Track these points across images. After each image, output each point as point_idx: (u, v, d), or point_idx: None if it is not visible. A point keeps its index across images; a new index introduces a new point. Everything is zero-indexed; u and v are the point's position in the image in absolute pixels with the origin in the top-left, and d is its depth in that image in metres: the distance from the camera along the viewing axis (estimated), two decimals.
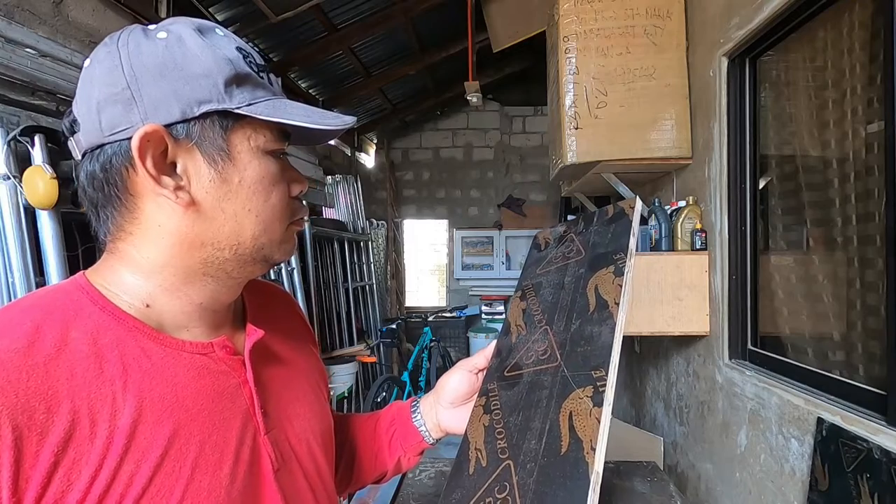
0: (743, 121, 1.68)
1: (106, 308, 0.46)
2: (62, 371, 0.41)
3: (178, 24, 0.47)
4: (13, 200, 1.13)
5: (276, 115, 0.47)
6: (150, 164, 0.44)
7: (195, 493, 0.45)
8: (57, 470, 0.39)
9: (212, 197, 0.47)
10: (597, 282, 0.68)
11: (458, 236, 5.80)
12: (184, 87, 0.45)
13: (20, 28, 1.27)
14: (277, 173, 0.50)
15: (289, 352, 0.62)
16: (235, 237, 0.49)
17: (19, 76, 1.23)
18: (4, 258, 1.13)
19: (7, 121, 1.15)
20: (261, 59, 0.51)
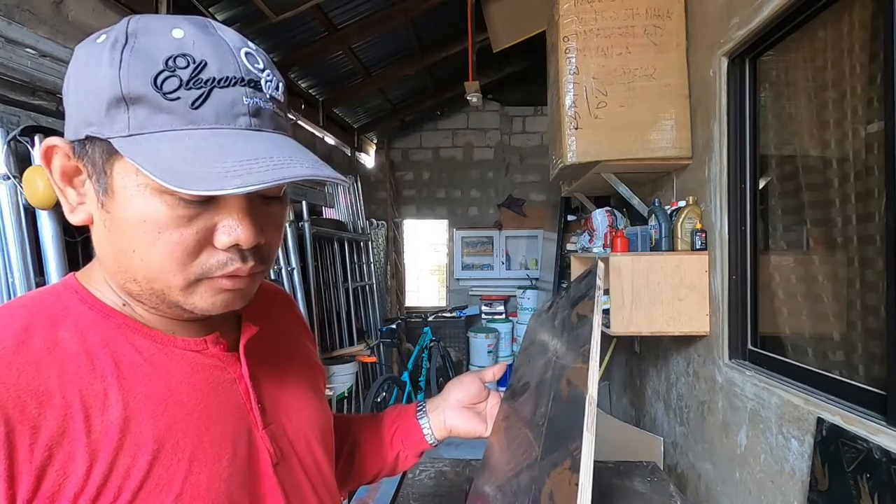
0: (743, 121, 1.68)
1: (95, 306, 0.46)
2: (53, 368, 0.41)
3: (120, 25, 0.42)
4: (13, 200, 1.13)
5: (138, 156, 0.38)
6: (56, 174, 0.44)
7: (194, 486, 0.44)
8: (52, 463, 0.39)
9: (101, 223, 0.44)
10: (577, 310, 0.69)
11: (458, 236, 5.80)
12: (79, 103, 0.41)
13: (20, 28, 1.27)
14: (171, 219, 0.41)
15: (285, 349, 0.62)
16: (131, 273, 0.44)
17: (19, 76, 1.22)
18: (4, 258, 1.13)
19: (7, 121, 1.15)
20: (226, 69, 0.41)
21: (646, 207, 2.20)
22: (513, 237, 5.75)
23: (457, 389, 0.77)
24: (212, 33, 0.42)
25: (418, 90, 5.16)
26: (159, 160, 0.38)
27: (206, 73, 0.40)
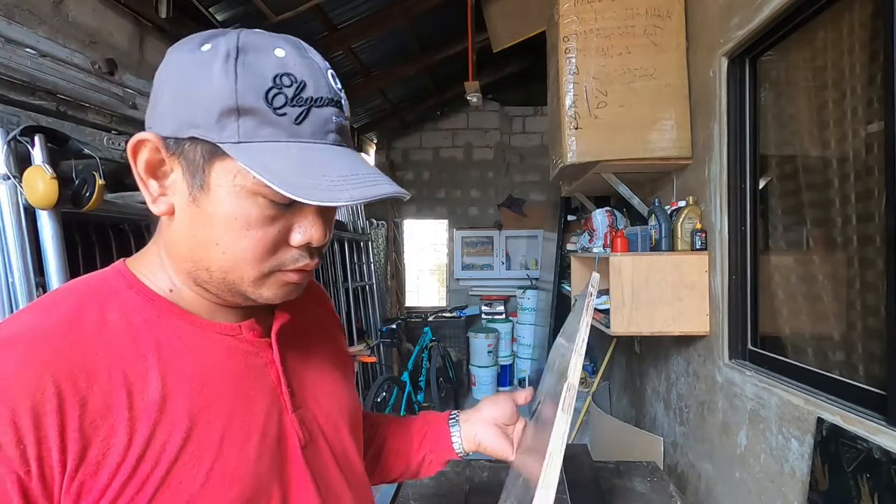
0: (743, 121, 1.68)
1: (140, 291, 0.50)
2: (100, 347, 0.45)
3: (227, 37, 0.45)
4: (13, 200, 1.13)
5: (253, 165, 0.42)
6: (140, 165, 0.47)
7: (224, 463, 0.47)
8: (97, 434, 0.42)
9: (186, 216, 0.47)
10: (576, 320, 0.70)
11: (458, 236, 5.79)
12: (183, 106, 0.45)
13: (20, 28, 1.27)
14: (259, 218, 0.46)
15: (316, 338, 0.64)
16: (206, 263, 0.48)
17: (19, 76, 1.22)
18: (4, 258, 1.13)
19: (7, 121, 1.15)
20: (317, 90, 0.46)
21: (646, 207, 2.20)
22: (513, 237, 5.74)
23: (491, 406, 0.77)
24: (304, 54, 0.47)
25: (418, 90, 5.15)
26: (271, 169, 0.42)
27: (305, 92, 0.45)
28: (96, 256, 1.48)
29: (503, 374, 5.27)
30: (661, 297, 1.86)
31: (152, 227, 0.53)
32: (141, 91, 1.60)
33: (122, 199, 1.41)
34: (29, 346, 0.42)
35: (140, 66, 2.38)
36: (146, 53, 2.43)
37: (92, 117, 1.43)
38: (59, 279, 1.19)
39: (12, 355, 0.41)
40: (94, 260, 1.47)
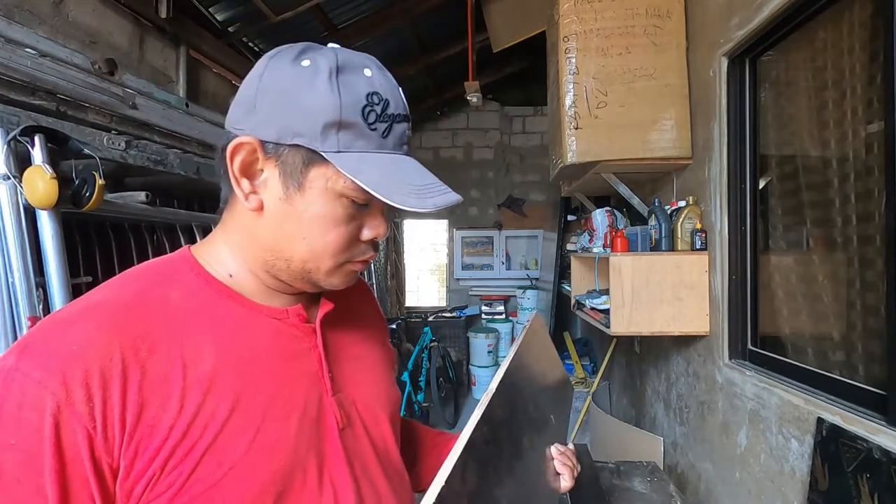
0: (743, 121, 1.68)
1: (201, 275, 0.55)
2: (163, 322, 0.50)
3: (325, 56, 0.51)
4: (13, 200, 1.13)
5: (353, 172, 0.49)
6: (237, 165, 0.52)
7: (265, 436, 0.51)
8: (154, 400, 0.47)
9: (277, 211, 0.53)
10: None
11: (458, 236, 5.79)
12: (289, 116, 0.50)
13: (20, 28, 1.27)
14: (345, 216, 0.53)
15: (359, 329, 0.68)
16: (288, 253, 0.54)
17: (19, 76, 1.22)
18: (4, 258, 1.13)
19: (7, 121, 1.15)
20: (398, 107, 0.53)
21: (646, 207, 2.20)
22: (513, 237, 5.74)
23: None
24: (385, 74, 0.53)
25: (418, 90, 5.15)
26: (365, 175, 0.49)
27: (389, 109, 0.52)
28: (96, 256, 1.48)
29: None
30: (661, 297, 1.86)
31: (215, 223, 0.59)
32: (141, 91, 1.60)
33: (122, 199, 1.41)
34: (102, 317, 0.48)
35: (140, 66, 2.38)
36: (146, 53, 2.43)
37: (92, 117, 1.43)
38: (59, 279, 1.19)
39: (89, 323, 0.47)
40: (94, 260, 1.47)
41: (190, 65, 2.71)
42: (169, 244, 1.70)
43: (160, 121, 1.67)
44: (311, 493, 0.54)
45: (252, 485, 0.50)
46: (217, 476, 0.48)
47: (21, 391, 0.43)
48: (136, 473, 0.46)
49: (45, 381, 0.43)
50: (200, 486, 0.47)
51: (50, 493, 0.42)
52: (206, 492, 0.48)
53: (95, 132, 1.37)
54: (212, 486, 0.48)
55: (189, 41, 2.68)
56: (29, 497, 0.42)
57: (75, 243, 1.39)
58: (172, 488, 0.47)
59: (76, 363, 0.44)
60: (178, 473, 0.47)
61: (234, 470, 0.49)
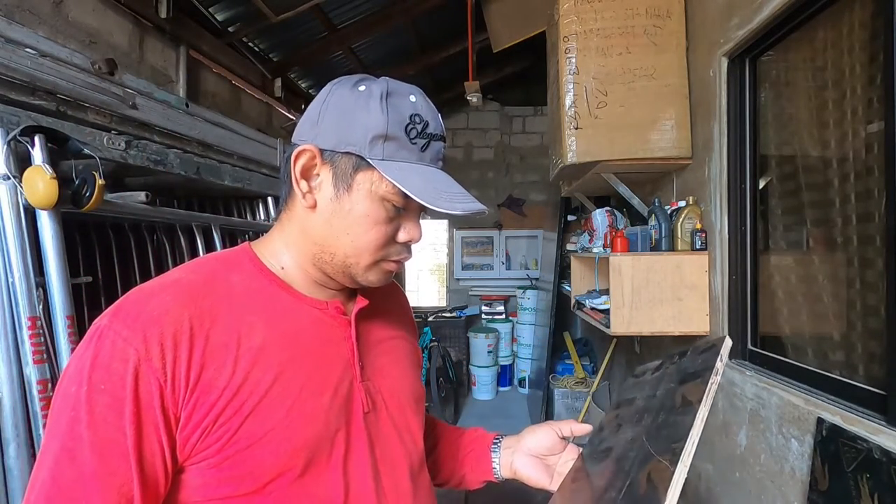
0: (743, 121, 1.68)
1: (257, 265, 0.64)
2: (225, 300, 0.59)
3: (378, 84, 0.60)
4: (13, 200, 1.13)
5: (394, 177, 0.58)
6: (298, 168, 0.61)
7: (301, 406, 0.58)
8: (212, 363, 0.55)
9: (328, 209, 0.61)
10: (684, 391, 0.67)
11: (458, 236, 5.79)
12: (345, 129, 0.59)
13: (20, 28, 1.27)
14: (385, 217, 0.61)
15: (390, 326, 0.75)
16: (333, 248, 0.62)
17: (19, 76, 1.22)
18: (4, 258, 1.13)
19: (7, 121, 1.15)
20: (437, 129, 0.62)
21: (646, 207, 2.20)
22: (513, 237, 5.74)
23: (531, 438, 0.81)
24: (427, 101, 0.62)
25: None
26: (405, 181, 0.57)
27: (428, 129, 0.61)
28: (96, 256, 1.48)
29: (503, 374, 5.26)
30: (661, 297, 1.86)
31: (273, 223, 0.66)
32: (141, 91, 1.60)
33: (122, 199, 1.41)
34: (178, 292, 0.57)
35: (140, 66, 2.38)
36: (146, 53, 2.43)
37: (92, 117, 1.43)
38: (59, 279, 1.18)
39: (167, 296, 0.56)
40: (95, 260, 1.47)
41: (190, 65, 2.71)
42: (169, 244, 1.70)
43: (160, 121, 1.67)
44: (336, 465, 0.61)
45: (287, 447, 0.57)
46: (258, 435, 0.56)
47: (112, 345, 0.52)
48: (193, 424, 0.54)
49: (130, 338, 0.52)
50: (244, 442, 0.55)
51: (128, 433, 0.51)
52: (249, 448, 0.55)
53: (95, 132, 1.37)
54: (254, 443, 0.55)
55: (189, 41, 2.68)
56: (112, 434, 0.51)
57: (75, 243, 1.39)
58: (221, 441, 0.54)
59: (155, 326, 0.53)
60: (227, 429, 0.55)
61: (272, 432, 0.56)
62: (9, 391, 1.11)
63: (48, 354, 1.16)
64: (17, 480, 1.11)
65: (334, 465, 0.60)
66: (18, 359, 1.13)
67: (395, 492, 0.66)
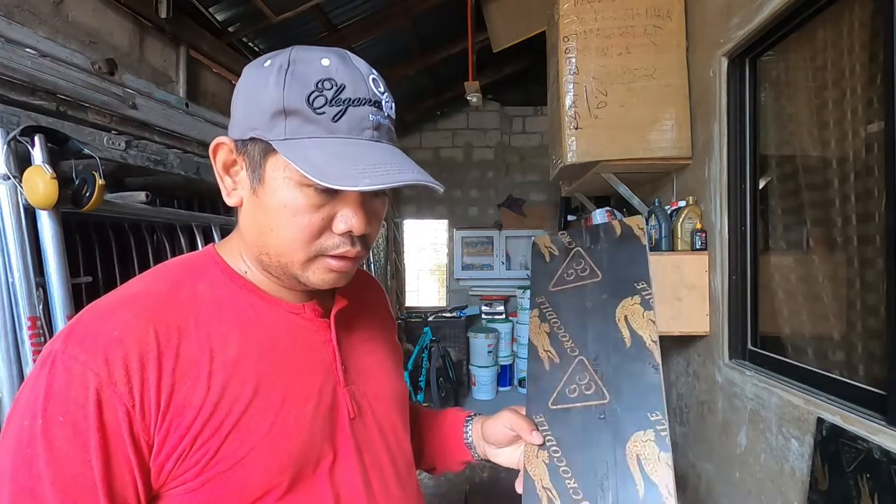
0: (743, 121, 1.68)
1: (225, 271, 0.59)
2: (192, 311, 0.54)
3: (281, 55, 0.53)
4: (13, 200, 1.13)
5: (292, 157, 0.49)
6: (219, 165, 0.57)
7: (284, 420, 0.54)
8: (185, 382, 0.50)
9: (250, 206, 0.56)
10: (625, 312, 0.69)
11: (458, 236, 5.79)
12: (247, 113, 0.54)
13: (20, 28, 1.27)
14: (306, 205, 0.52)
15: (370, 325, 0.71)
16: (266, 247, 0.56)
17: (19, 76, 1.22)
18: (4, 258, 1.13)
19: (7, 121, 1.15)
20: (357, 91, 0.52)
21: (646, 207, 2.20)
22: (513, 237, 5.74)
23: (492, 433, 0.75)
24: (349, 63, 0.53)
25: (418, 90, 5.15)
26: (308, 160, 0.49)
27: (344, 94, 0.51)
28: (96, 256, 1.48)
29: (503, 374, 5.26)
30: (661, 297, 1.86)
31: (215, 223, 0.63)
32: (141, 91, 1.60)
33: (122, 199, 1.41)
34: (140, 306, 0.52)
35: (140, 65, 2.38)
36: (146, 53, 2.43)
37: (92, 117, 1.43)
38: (59, 279, 1.19)
39: (128, 312, 0.51)
40: (95, 260, 1.47)
41: (190, 65, 2.71)
42: (169, 244, 1.70)
43: (160, 121, 1.67)
44: (323, 477, 0.57)
45: (271, 464, 0.53)
46: (240, 455, 0.52)
47: (68, 372, 0.47)
48: (168, 450, 0.49)
49: (88, 362, 0.47)
50: (225, 463, 0.51)
51: (95, 466, 0.46)
52: (230, 469, 0.51)
53: (95, 132, 1.37)
54: (235, 464, 0.52)
55: (189, 41, 2.68)
56: (76, 469, 0.46)
57: (75, 243, 1.39)
58: (199, 465, 0.50)
59: (117, 347, 0.48)
60: (205, 451, 0.50)
61: (255, 450, 0.52)
62: (9, 391, 1.11)
63: None
64: None
65: (322, 477, 0.57)
66: (18, 359, 1.13)
67: (386, 497, 0.63)
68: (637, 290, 0.69)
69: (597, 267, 0.75)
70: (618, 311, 0.69)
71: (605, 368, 0.67)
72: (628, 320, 0.68)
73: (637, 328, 0.67)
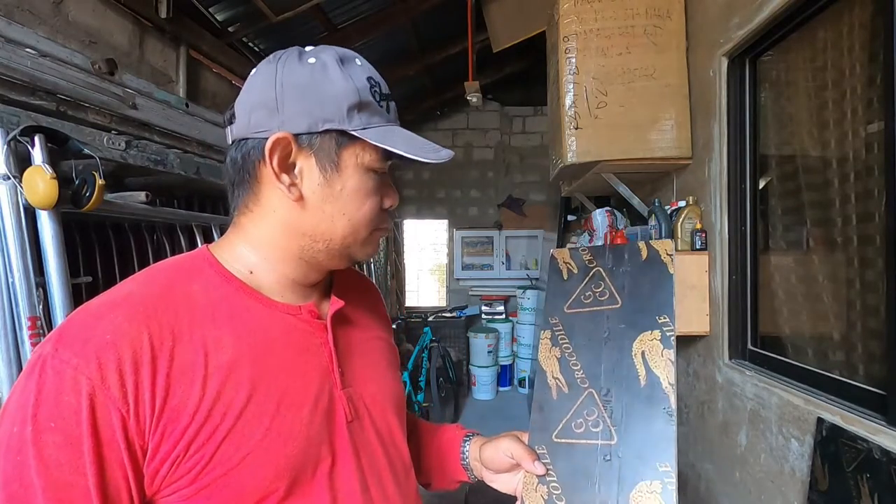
0: (743, 121, 1.68)
1: (220, 272, 0.58)
2: (186, 313, 0.53)
3: (325, 52, 0.57)
4: (13, 200, 1.13)
5: (384, 142, 0.56)
6: (276, 162, 0.55)
7: (280, 424, 0.54)
8: (179, 385, 0.50)
9: (317, 197, 0.57)
10: (643, 347, 0.65)
11: (458, 236, 5.79)
12: (315, 106, 0.55)
13: (20, 28, 1.27)
14: (374, 187, 0.59)
15: (367, 326, 0.71)
16: (329, 233, 0.58)
17: (19, 76, 1.22)
18: (4, 258, 1.13)
19: (7, 121, 1.15)
20: (387, 88, 0.60)
21: (646, 207, 2.20)
22: (513, 237, 5.74)
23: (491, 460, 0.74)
24: (368, 63, 0.59)
25: (418, 90, 5.15)
26: (396, 145, 0.56)
27: (382, 89, 0.59)
28: (96, 256, 1.48)
29: (503, 374, 5.27)
30: None
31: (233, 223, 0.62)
32: (141, 91, 1.60)
33: (122, 199, 1.41)
34: (133, 309, 0.51)
35: (140, 65, 2.38)
36: (146, 53, 2.43)
37: (92, 117, 1.43)
38: (59, 279, 1.19)
39: (119, 315, 0.50)
40: (95, 260, 1.47)
41: (190, 65, 2.71)
42: (169, 244, 1.70)
43: (160, 121, 1.67)
44: (322, 481, 0.57)
45: (267, 470, 0.52)
46: (235, 461, 0.51)
47: (59, 377, 0.46)
48: (162, 455, 0.49)
49: (81, 367, 0.46)
50: (220, 469, 0.50)
51: (89, 472, 0.45)
52: (225, 475, 0.51)
53: (95, 132, 1.37)
54: (230, 469, 0.51)
55: (189, 41, 2.68)
56: (68, 476, 0.45)
57: (75, 243, 1.39)
58: (194, 471, 0.50)
59: (110, 350, 0.47)
60: (200, 457, 0.50)
61: (251, 455, 0.52)
62: (8, 391, 1.11)
63: None
64: None
65: (320, 482, 0.56)
66: (18, 359, 1.13)
67: (384, 500, 0.62)
68: (658, 324, 0.64)
69: (617, 292, 0.70)
70: (635, 345, 0.65)
71: (615, 406, 0.63)
72: (645, 357, 0.63)
73: (654, 367, 0.62)
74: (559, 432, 0.67)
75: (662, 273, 0.68)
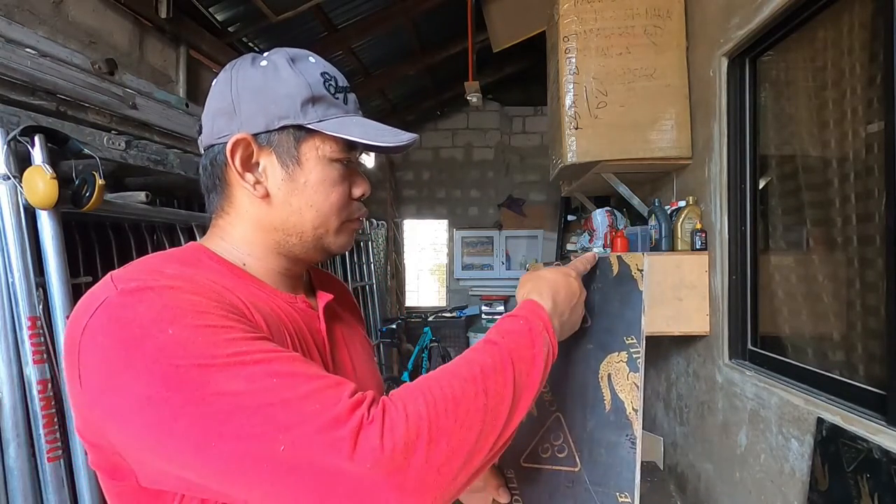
0: (743, 121, 1.68)
1: (219, 262, 0.59)
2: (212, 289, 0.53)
3: (276, 54, 0.59)
4: (13, 200, 1.13)
5: (339, 132, 0.58)
6: (238, 162, 0.57)
7: None
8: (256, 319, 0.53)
9: (282, 192, 0.59)
10: (609, 369, 0.63)
11: (458, 236, 5.79)
12: (270, 105, 0.57)
13: (20, 28, 1.27)
14: (339, 177, 0.60)
15: (349, 322, 0.75)
16: (300, 226, 0.60)
17: (19, 76, 1.22)
18: (4, 258, 1.13)
19: (7, 121, 1.15)
20: (343, 81, 0.62)
21: (646, 207, 2.20)
22: (513, 237, 5.74)
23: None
24: (322, 59, 0.62)
25: (418, 90, 5.15)
26: (353, 134, 0.58)
27: (339, 83, 0.61)
28: (96, 256, 1.48)
29: None
30: (661, 297, 1.86)
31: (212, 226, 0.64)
32: (141, 91, 1.60)
33: (122, 199, 1.41)
34: (181, 266, 0.54)
35: (140, 66, 2.38)
36: (146, 53, 2.43)
37: (92, 117, 1.43)
38: (59, 279, 1.19)
39: (175, 266, 0.53)
40: (95, 260, 1.47)
41: (190, 65, 2.71)
42: (169, 244, 1.70)
43: (160, 121, 1.67)
44: None
45: None
46: None
47: (158, 294, 0.47)
48: None
49: (182, 287, 0.49)
50: None
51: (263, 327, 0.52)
52: None
53: (95, 132, 1.37)
54: None
55: (189, 41, 2.68)
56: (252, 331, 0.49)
57: (75, 243, 1.39)
58: None
59: (196, 281, 0.51)
60: None
61: None
62: (9, 391, 1.11)
63: (48, 354, 1.16)
64: (16, 480, 1.11)
65: None
66: (18, 359, 1.13)
67: None
68: (626, 345, 0.62)
69: (587, 311, 0.67)
70: (602, 367, 0.63)
71: (580, 431, 0.62)
72: (611, 380, 0.62)
73: (619, 391, 0.61)
74: (527, 457, 0.66)
75: (632, 290, 0.66)
